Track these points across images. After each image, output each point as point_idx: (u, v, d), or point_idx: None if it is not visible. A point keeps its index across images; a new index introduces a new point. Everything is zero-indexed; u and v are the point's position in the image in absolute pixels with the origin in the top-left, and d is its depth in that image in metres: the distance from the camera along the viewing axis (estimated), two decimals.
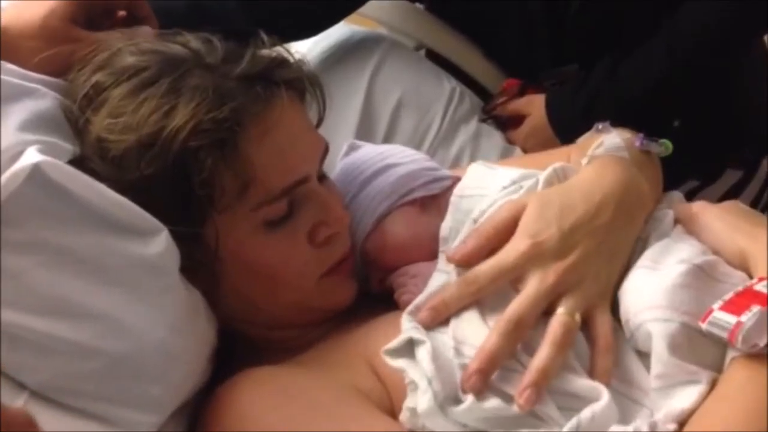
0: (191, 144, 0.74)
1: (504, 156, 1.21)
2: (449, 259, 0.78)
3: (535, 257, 0.75)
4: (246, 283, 0.81)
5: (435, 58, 1.33)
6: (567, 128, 1.17)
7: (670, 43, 1.14)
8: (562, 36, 1.22)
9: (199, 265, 0.78)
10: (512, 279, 0.76)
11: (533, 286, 0.74)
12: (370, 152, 0.91)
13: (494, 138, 1.25)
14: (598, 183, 0.80)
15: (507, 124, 1.27)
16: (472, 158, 1.19)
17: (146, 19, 0.90)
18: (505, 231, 0.78)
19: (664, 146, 0.87)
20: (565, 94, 1.22)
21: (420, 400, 0.69)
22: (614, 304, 0.76)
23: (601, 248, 0.76)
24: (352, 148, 0.93)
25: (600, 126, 0.90)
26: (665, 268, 0.74)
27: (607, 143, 0.85)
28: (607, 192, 0.79)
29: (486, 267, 0.76)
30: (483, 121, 1.27)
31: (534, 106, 1.24)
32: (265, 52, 0.82)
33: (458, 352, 0.72)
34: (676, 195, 0.88)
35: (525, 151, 1.23)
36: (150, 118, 0.75)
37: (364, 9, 1.26)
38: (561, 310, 0.73)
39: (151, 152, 0.74)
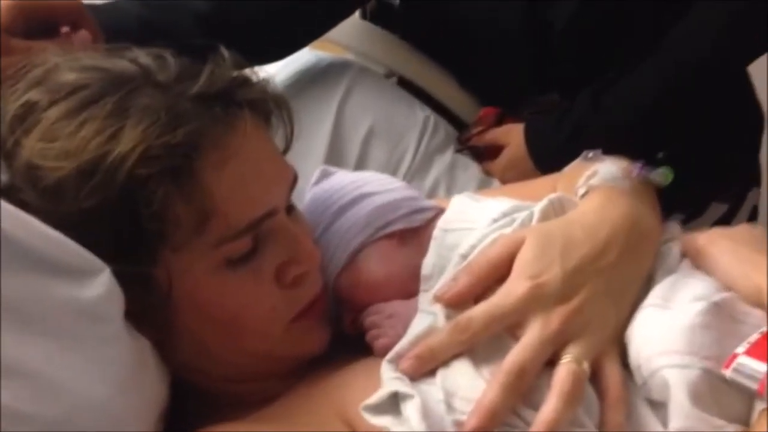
0: (139, 172, 0.66)
1: (482, 188, 1.16)
2: (437, 299, 0.71)
3: (536, 300, 0.68)
4: (203, 329, 0.73)
5: (406, 86, 1.28)
6: (548, 159, 1.12)
7: (659, 70, 1.10)
8: (544, 59, 1.18)
9: (148, 310, 0.70)
10: (510, 325, 0.68)
11: (535, 332, 0.67)
12: (344, 180, 0.84)
13: (471, 169, 1.20)
14: (603, 217, 0.74)
15: (484, 154, 1.22)
16: (448, 191, 1.14)
17: (92, 35, 0.82)
18: (500, 269, 0.71)
19: (665, 175, 0.80)
20: (547, 124, 1.17)
21: None
22: (622, 347, 0.70)
23: (609, 289, 0.70)
24: (324, 175, 0.86)
25: (590, 154, 0.84)
26: (678, 307, 0.68)
27: (602, 172, 0.79)
28: (613, 227, 0.73)
29: (480, 311, 0.69)
30: (458, 151, 1.22)
31: (512, 135, 1.19)
32: (224, 70, 0.74)
33: (449, 406, 0.65)
34: (674, 225, 0.81)
35: (503, 183, 1.18)
36: (91, 142, 0.67)
37: (331, 34, 1.21)
38: (567, 358, 0.66)
39: (92, 182, 0.66)
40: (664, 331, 0.66)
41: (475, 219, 0.77)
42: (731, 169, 1.27)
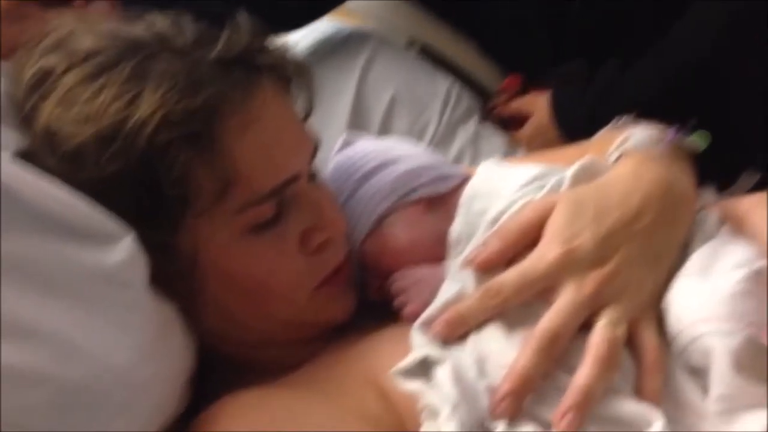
0: (160, 138, 0.66)
1: (506, 159, 1.13)
2: (467, 264, 0.69)
3: (569, 265, 0.66)
4: (228, 296, 0.72)
5: (428, 55, 1.26)
6: (574, 128, 1.11)
7: (689, 36, 1.08)
8: (562, 35, 1.16)
9: (173, 278, 0.69)
10: (541, 290, 0.66)
11: (568, 297, 0.65)
12: (368, 146, 0.83)
13: (495, 139, 1.18)
14: (636, 181, 0.71)
15: (508, 124, 1.21)
16: (473, 161, 1.12)
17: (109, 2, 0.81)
18: (531, 234, 0.69)
19: (700, 140, 0.78)
20: (572, 92, 1.16)
21: (444, 429, 0.60)
22: (658, 314, 0.68)
23: (644, 254, 0.68)
24: (347, 143, 0.85)
25: (623, 120, 0.82)
26: (719, 274, 0.66)
27: (635, 138, 0.77)
28: (646, 191, 0.70)
29: (512, 276, 0.67)
30: (482, 121, 1.20)
31: (537, 104, 1.18)
32: (242, 35, 0.73)
33: (481, 371, 0.63)
34: (710, 193, 0.79)
35: (529, 152, 1.16)
36: (110, 108, 0.66)
37: (351, 3, 1.20)
38: (603, 323, 0.64)
39: (111, 148, 0.66)
40: (705, 298, 0.64)
41: (503, 185, 0.75)
42: (763, 137, 1.24)
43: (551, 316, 0.64)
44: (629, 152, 0.75)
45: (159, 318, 0.67)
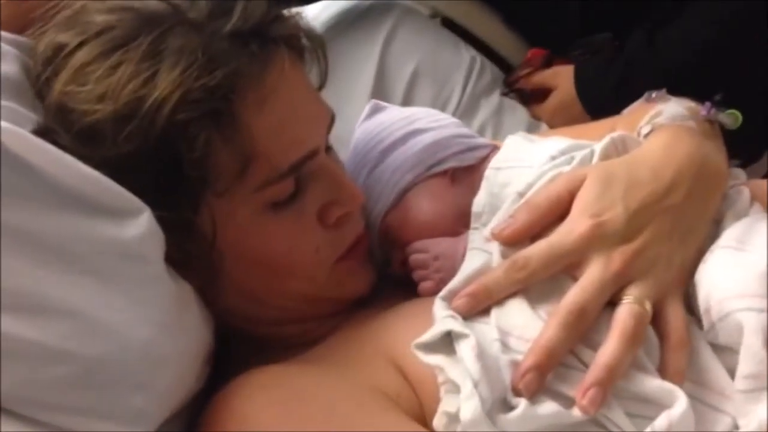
0: (179, 117, 0.64)
1: (530, 132, 1.11)
2: (494, 236, 0.68)
3: (598, 240, 0.65)
4: (249, 274, 0.72)
5: (451, 27, 1.25)
6: (598, 103, 1.10)
7: (716, 9, 1.06)
8: (588, 6, 1.14)
9: (193, 257, 0.68)
10: (569, 264, 0.65)
11: (596, 272, 0.64)
12: (395, 116, 0.81)
13: (518, 113, 1.17)
14: (669, 156, 0.70)
15: (531, 98, 1.20)
16: (495, 134, 1.12)
17: None
18: (560, 207, 0.68)
19: (734, 117, 0.77)
20: (597, 66, 1.14)
21: (464, 407, 0.59)
22: (687, 291, 0.67)
23: (674, 230, 0.67)
24: (374, 110, 0.83)
25: (654, 94, 0.81)
26: (755, 250, 0.64)
27: (668, 112, 0.75)
28: (679, 166, 0.69)
29: (539, 249, 0.66)
30: (505, 94, 1.20)
31: (561, 78, 1.16)
32: (256, 6, 0.71)
33: (505, 345, 0.62)
34: (740, 171, 0.78)
35: (551, 127, 1.15)
36: (127, 86, 0.64)
37: None
38: (629, 299, 0.63)
39: (129, 127, 0.64)
40: (740, 274, 0.63)
41: (531, 157, 0.74)
42: None
43: (578, 291, 0.63)
44: (661, 127, 0.74)
45: (176, 293, 0.66)
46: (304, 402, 0.65)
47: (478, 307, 0.65)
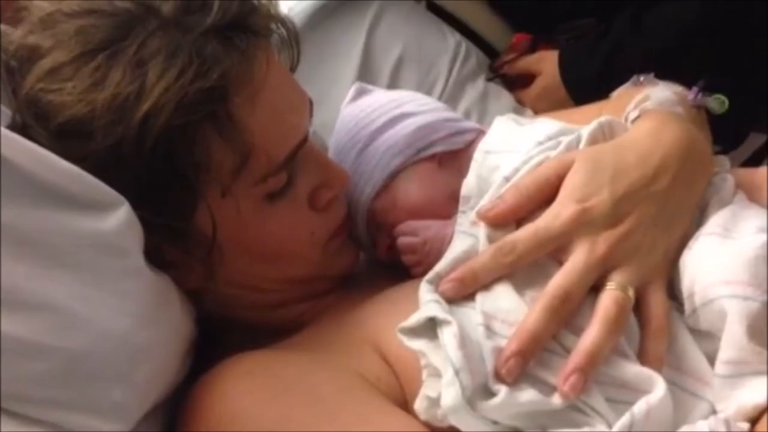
0: (176, 123, 0.63)
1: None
2: (480, 216, 0.68)
3: (583, 224, 0.66)
4: (245, 264, 0.72)
5: (436, 12, 1.24)
6: (583, 88, 1.09)
7: None
8: None
9: (191, 257, 0.68)
10: (554, 249, 0.66)
11: (581, 256, 0.65)
12: (382, 98, 0.81)
13: (503, 98, 1.17)
14: (655, 142, 0.70)
15: (516, 83, 1.19)
16: (480, 120, 1.11)
17: None
18: (547, 191, 0.68)
19: (721, 102, 0.77)
20: (582, 50, 1.14)
21: (444, 393, 0.60)
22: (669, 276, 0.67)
23: (659, 217, 0.67)
24: (359, 93, 0.83)
25: (642, 78, 0.81)
26: (741, 237, 0.65)
27: (655, 97, 0.75)
28: (666, 152, 0.69)
29: (525, 234, 0.66)
30: (490, 80, 1.19)
31: (546, 63, 1.16)
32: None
33: (489, 329, 0.63)
34: (724, 158, 0.79)
35: (536, 112, 1.14)
36: (114, 91, 0.63)
37: None
38: (612, 285, 0.64)
39: (118, 130, 0.63)
40: (725, 260, 0.63)
41: (519, 141, 0.74)
42: None
43: (563, 276, 0.64)
44: (649, 112, 0.74)
45: (156, 285, 0.66)
46: (288, 387, 0.65)
47: (464, 292, 0.66)
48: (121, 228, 0.63)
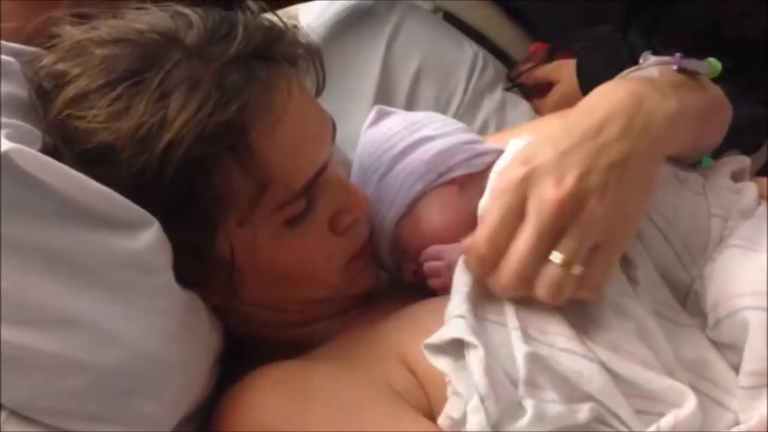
0: (195, 154, 0.64)
1: None
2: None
3: (530, 183, 0.65)
4: (266, 286, 0.73)
5: (453, 22, 1.25)
6: None
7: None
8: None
9: (212, 279, 0.69)
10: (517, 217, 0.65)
11: (531, 222, 0.64)
12: (401, 122, 0.81)
13: (521, 108, 1.18)
14: (601, 99, 0.69)
15: (534, 92, 1.20)
16: (498, 130, 1.12)
17: None
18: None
19: (710, 65, 0.76)
20: (600, 58, 1.14)
21: (470, 420, 0.61)
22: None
23: (613, 164, 0.65)
24: (380, 116, 0.83)
25: (641, 59, 0.79)
26: (764, 249, 0.65)
27: (643, 69, 0.75)
28: (611, 105, 0.68)
29: (483, 229, 0.66)
30: (508, 89, 1.20)
31: (564, 71, 1.16)
32: (255, 22, 0.71)
33: (526, 335, 0.64)
34: (743, 158, 0.80)
35: None
36: (137, 120, 0.64)
37: None
38: (558, 259, 0.63)
39: (140, 160, 0.64)
40: (750, 272, 0.64)
41: None
42: None
43: (517, 248, 0.64)
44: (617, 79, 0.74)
45: (185, 302, 0.67)
46: (314, 397, 0.67)
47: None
48: (152, 246, 0.64)
